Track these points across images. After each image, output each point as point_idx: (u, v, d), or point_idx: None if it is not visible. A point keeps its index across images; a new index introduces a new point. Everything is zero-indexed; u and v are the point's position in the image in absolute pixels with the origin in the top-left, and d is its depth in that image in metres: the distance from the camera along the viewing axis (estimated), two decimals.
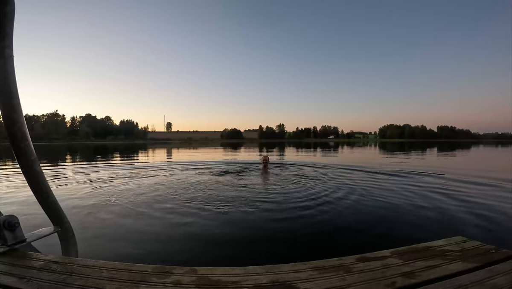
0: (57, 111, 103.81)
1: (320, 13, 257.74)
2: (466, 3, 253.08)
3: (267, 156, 5.83)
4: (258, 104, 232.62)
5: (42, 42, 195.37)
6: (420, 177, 4.76)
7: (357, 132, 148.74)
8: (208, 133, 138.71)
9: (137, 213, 2.50)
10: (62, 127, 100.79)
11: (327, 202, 2.84)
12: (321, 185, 3.78)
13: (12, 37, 0.82)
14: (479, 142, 44.95)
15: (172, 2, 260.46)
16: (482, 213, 2.46)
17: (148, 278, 0.68)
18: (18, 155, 0.85)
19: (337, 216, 2.40)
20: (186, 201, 2.88)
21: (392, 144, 37.37)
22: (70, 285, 0.66)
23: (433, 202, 2.89)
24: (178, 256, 1.66)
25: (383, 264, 0.76)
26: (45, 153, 15.27)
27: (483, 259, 0.77)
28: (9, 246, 0.85)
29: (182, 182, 4.19)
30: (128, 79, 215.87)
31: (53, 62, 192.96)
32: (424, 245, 0.89)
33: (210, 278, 0.68)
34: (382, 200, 2.98)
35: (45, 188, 0.92)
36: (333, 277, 0.69)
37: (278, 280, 0.67)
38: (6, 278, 0.69)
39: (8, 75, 0.80)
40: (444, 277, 0.68)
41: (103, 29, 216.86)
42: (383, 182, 4.19)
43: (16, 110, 0.82)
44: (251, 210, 2.53)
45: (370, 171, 5.69)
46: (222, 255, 1.66)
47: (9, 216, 0.86)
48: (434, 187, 3.73)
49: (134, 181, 4.33)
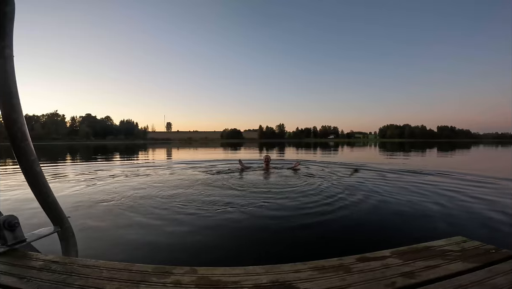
0: (57, 111, 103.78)
1: (319, 13, 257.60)
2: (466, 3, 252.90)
3: (269, 155, 5.97)
4: (258, 104, 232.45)
5: (42, 42, 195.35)
6: (424, 175, 4.76)
7: (357, 132, 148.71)
8: (208, 133, 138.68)
9: (137, 212, 2.49)
10: (62, 127, 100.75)
11: (328, 200, 2.84)
12: (324, 182, 3.78)
13: (12, 37, 0.82)
14: (479, 143, 44.94)
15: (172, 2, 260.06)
16: (482, 213, 2.47)
17: (148, 278, 0.68)
18: (18, 155, 0.85)
19: (342, 214, 2.40)
20: (187, 200, 2.88)
21: (392, 144, 37.36)
22: (70, 285, 0.66)
23: (442, 200, 2.90)
24: (178, 255, 1.66)
25: (383, 264, 0.76)
26: (45, 152, 15.27)
27: (483, 259, 0.77)
28: (9, 246, 0.85)
29: (182, 180, 4.19)
30: (128, 79, 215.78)
31: (53, 62, 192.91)
32: (424, 245, 0.89)
33: (210, 278, 0.68)
34: (387, 198, 2.98)
35: (45, 188, 0.93)
36: (333, 277, 0.69)
37: (278, 280, 0.67)
38: (6, 278, 0.69)
39: (8, 75, 0.80)
40: (444, 277, 0.68)
41: (103, 29, 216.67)
42: (386, 180, 4.19)
43: (16, 110, 0.82)
44: (252, 209, 2.53)
45: (374, 169, 5.73)
46: (222, 255, 1.66)
47: (9, 216, 0.86)
48: (443, 186, 3.75)
49: (134, 180, 4.33)
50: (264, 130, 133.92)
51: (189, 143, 52.70)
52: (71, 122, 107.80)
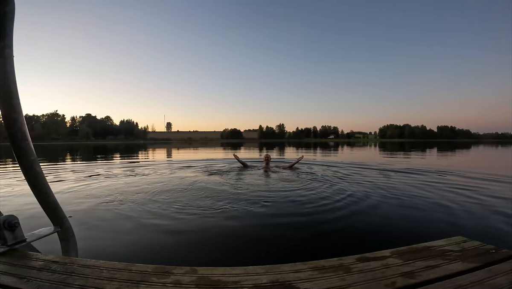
0: (57, 111, 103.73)
1: (319, 13, 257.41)
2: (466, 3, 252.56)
3: (269, 154, 6.09)
4: (258, 104, 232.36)
5: (42, 42, 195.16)
6: (424, 175, 4.76)
7: (357, 132, 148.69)
8: (208, 133, 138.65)
9: (137, 212, 2.49)
10: (62, 127, 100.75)
11: (328, 200, 2.84)
12: (324, 182, 3.78)
13: (12, 37, 0.82)
14: (479, 143, 44.94)
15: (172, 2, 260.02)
16: (483, 212, 2.47)
17: (148, 278, 0.68)
18: (18, 154, 0.85)
19: (342, 214, 2.40)
20: (186, 199, 2.88)
21: (392, 144, 37.36)
22: (70, 285, 0.66)
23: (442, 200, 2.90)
24: (178, 255, 1.66)
25: (383, 264, 0.76)
26: (45, 152, 15.27)
27: (483, 259, 0.77)
28: (9, 246, 0.85)
29: (182, 180, 4.19)
30: (128, 79, 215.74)
31: (53, 62, 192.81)
32: (424, 245, 0.89)
33: (210, 278, 0.68)
34: (387, 197, 2.98)
35: (45, 188, 0.92)
36: (333, 277, 0.69)
37: (278, 280, 0.67)
38: (6, 278, 0.69)
39: (8, 75, 0.80)
40: (444, 277, 0.68)
41: (103, 29, 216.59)
42: (386, 179, 4.19)
43: (16, 110, 0.82)
44: (252, 208, 2.53)
45: (375, 168, 5.75)
46: (222, 255, 1.66)
47: (9, 216, 0.86)
48: (443, 185, 3.75)
49: (134, 180, 4.33)
50: (264, 130, 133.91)
51: (189, 143, 52.68)
52: (71, 122, 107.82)
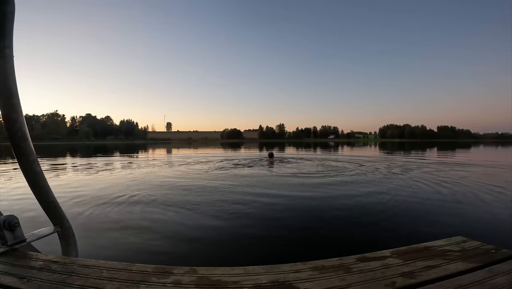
0: (57, 111, 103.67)
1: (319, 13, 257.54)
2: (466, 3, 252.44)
3: (273, 152, 6.89)
4: (258, 104, 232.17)
5: (42, 42, 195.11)
6: (424, 175, 4.75)
7: (357, 132, 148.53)
8: (208, 133, 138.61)
9: (137, 211, 2.50)
10: (62, 127, 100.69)
11: (328, 200, 2.84)
12: (324, 182, 3.79)
13: (12, 37, 0.82)
14: (479, 143, 44.93)
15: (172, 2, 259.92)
16: (483, 212, 2.46)
17: (148, 278, 0.68)
18: (18, 154, 0.85)
19: (342, 213, 2.40)
20: (186, 199, 2.88)
21: (392, 144, 37.36)
22: (70, 285, 0.66)
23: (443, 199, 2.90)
24: (178, 255, 1.66)
25: (383, 264, 0.75)
26: (45, 152, 15.27)
27: (483, 259, 0.77)
28: (9, 246, 0.85)
29: (182, 179, 4.19)
30: (128, 79, 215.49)
31: (53, 62, 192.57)
32: (424, 245, 0.89)
33: (210, 278, 0.68)
34: (388, 197, 2.98)
35: (45, 187, 0.92)
36: (333, 277, 0.68)
37: (278, 280, 0.67)
38: (6, 278, 0.69)
39: (8, 75, 0.80)
40: (444, 277, 0.68)
41: (103, 29, 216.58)
42: (386, 178, 4.19)
43: (16, 110, 0.82)
44: (252, 208, 2.53)
45: (375, 167, 5.74)
46: (222, 255, 1.66)
47: (9, 216, 0.86)
48: (443, 185, 3.75)
49: (134, 180, 4.33)
50: (264, 130, 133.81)
51: (189, 143, 52.68)
52: (71, 122, 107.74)
